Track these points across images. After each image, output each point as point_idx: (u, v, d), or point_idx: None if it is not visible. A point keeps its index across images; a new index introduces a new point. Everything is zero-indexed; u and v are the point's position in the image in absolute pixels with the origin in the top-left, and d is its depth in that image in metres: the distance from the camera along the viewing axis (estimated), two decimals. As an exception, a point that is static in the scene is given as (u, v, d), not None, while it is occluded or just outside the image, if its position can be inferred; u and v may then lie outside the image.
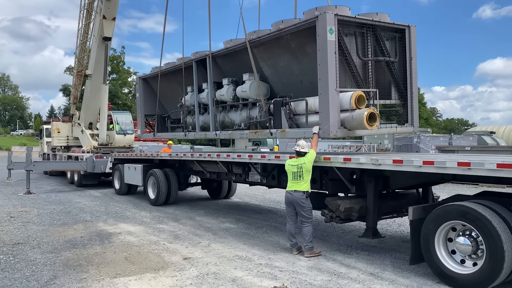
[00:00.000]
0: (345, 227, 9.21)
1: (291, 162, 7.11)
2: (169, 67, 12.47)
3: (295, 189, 7.00)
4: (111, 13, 18.05)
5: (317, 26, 7.26)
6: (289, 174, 7.11)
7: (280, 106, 8.35)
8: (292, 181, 7.05)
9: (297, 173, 6.99)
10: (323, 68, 7.22)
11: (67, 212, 11.72)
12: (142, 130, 14.05)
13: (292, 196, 7.01)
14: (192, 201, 13.98)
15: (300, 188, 6.98)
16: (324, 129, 7.27)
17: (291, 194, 7.03)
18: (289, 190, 7.08)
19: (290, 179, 7.11)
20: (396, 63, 8.29)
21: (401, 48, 8.37)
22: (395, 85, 8.43)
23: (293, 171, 7.03)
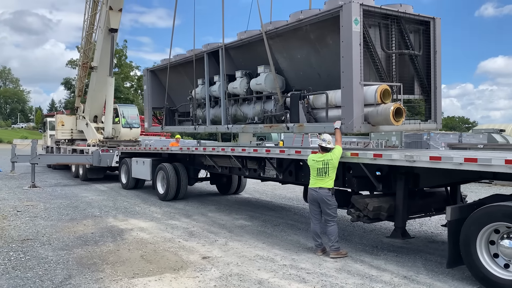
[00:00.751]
0: (366, 226, 8.94)
1: (316, 158, 6.81)
2: (179, 59, 12.17)
3: (320, 186, 6.71)
4: (117, 4, 17.72)
5: (341, 16, 6.96)
6: (313, 170, 6.82)
7: (298, 99, 8.06)
8: (316, 178, 6.76)
9: (323, 169, 6.69)
10: (347, 60, 6.92)
11: (75, 207, 11.47)
12: (149, 123, 13.76)
13: (317, 194, 6.72)
14: (201, 196, 13.72)
15: (325, 185, 6.69)
16: (347, 124, 6.98)
17: (316, 191, 6.73)
18: (313, 187, 6.78)
19: (313, 175, 6.81)
20: (419, 57, 7.99)
21: (425, 41, 8.06)
22: (418, 79, 8.13)
23: (318, 167, 6.73)
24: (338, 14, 7.12)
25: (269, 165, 9.24)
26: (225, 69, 10.04)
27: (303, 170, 8.72)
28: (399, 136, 25.39)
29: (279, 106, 8.82)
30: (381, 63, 7.43)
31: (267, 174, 9.67)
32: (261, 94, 9.31)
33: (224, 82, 10.11)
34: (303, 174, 8.74)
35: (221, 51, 10.04)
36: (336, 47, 7.66)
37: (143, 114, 15.43)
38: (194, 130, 11.43)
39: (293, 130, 8.16)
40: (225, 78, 10.06)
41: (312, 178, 6.86)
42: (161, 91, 13.73)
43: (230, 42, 9.89)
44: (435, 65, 8.06)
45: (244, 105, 9.91)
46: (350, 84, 6.88)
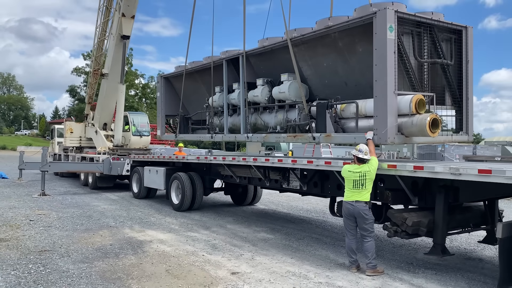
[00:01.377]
0: (394, 241, 8.64)
1: (352, 169, 6.52)
2: (195, 66, 11.97)
3: (357, 199, 6.42)
4: (130, 11, 17.60)
5: (375, 23, 6.74)
6: (349, 182, 6.53)
7: (325, 108, 7.82)
8: (353, 190, 6.47)
9: (359, 181, 6.41)
10: (381, 69, 6.69)
11: (88, 216, 11.20)
12: (162, 130, 13.54)
13: (353, 208, 6.42)
14: (216, 207, 13.44)
15: (362, 198, 6.41)
16: (380, 134, 6.73)
17: (352, 205, 6.44)
18: (349, 200, 6.49)
19: (349, 187, 6.52)
20: (451, 67, 7.75)
21: (456, 51, 7.83)
22: (449, 90, 7.89)
23: (355, 179, 6.44)
24: (371, 21, 6.91)
25: (293, 176, 8.97)
26: (245, 77, 9.83)
27: (329, 181, 8.45)
28: (410, 148, 25.13)
29: (303, 115, 8.59)
30: (414, 72, 7.20)
31: (290, 185, 9.40)
32: (284, 102, 9.07)
33: (244, 90, 9.89)
34: (330, 186, 8.47)
35: (241, 58, 9.83)
36: (366, 55, 7.46)
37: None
38: (211, 139, 11.19)
39: (319, 140, 7.91)
40: (245, 86, 9.84)
41: (347, 191, 6.57)
42: (174, 98, 13.54)
43: (252, 49, 9.68)
44: (467, 75, 7.83)
45: (265, 113, 9.68)
46: (384, 93, 6.65)
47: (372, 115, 7.28)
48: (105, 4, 18.55)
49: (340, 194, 8.24)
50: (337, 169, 7.37)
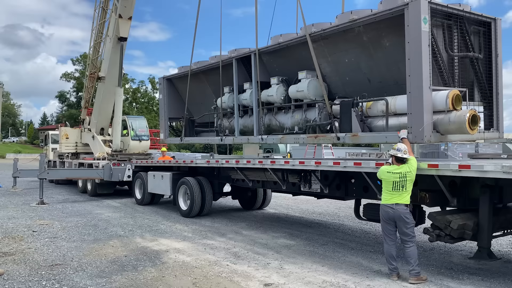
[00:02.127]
0: (425, 245, 8.27)
1: (391, 170, 6.11)
2: (201, 66, 11.52)
3: (397, 202, 6.01)
4: (127, 12, 17.09)
5: (408, 15, 6.37)
6: (387, 184, 6.12)
7: (350, 107, 7.42)
8: (392, 193, 6.06)
9: (400, 182, 6.00)
10: (416, 63, 6.32)
11: (94, 226, 10.68)
12: (165, 134, 13.07)
13: (393, 211, 6.02)
14: (225, 212, 12.98)
15: (403, 201, 6.00)
16: (415, 133, 6.36)
17: (392, 208, 6.03)
18: (388, 203, 6.08)
19: (388, 190, 6.11)
20: (480, 61, 7.42)
21: (485, 44, 7.50)
22: (478, 85, 7.56)
23: (395, 180, 6.03)
24: (401, 13, 6.55)
25: (314, 178, 8.57)
26: (258, 75, 9.41)
27: (354, 183, 8.06)
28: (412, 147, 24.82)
29: (324, 114, 8.20)
30: (446, 66, 6.84)
31: (310, 189, 8.99)
32: (301, 102, 8.67)
33: (257, 89, 9.47)
34: (354, 188, 8.09)
35: (253, 57, 9.43)
36: (394, 49, 7.12)
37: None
38: (221, 142, 10.74)
39: (344, 140, 7.52)
40: (258, 85, 9.43)
41: (386, 193, 6.16)
42: (178, 100, 13.12)
43: (265, 46, 9.28)
44: (497, 69, 7.50)
45: (280, 114, 9.27)
46: (420, 89, 6.28)
47: (402, 113, 6.93)
48: (101, 6, 18.01)
49: (367, 196, 7.91)
50: (368, 170, 7.00)
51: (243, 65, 10.13)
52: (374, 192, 7.59)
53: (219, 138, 10.78)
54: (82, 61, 73.40)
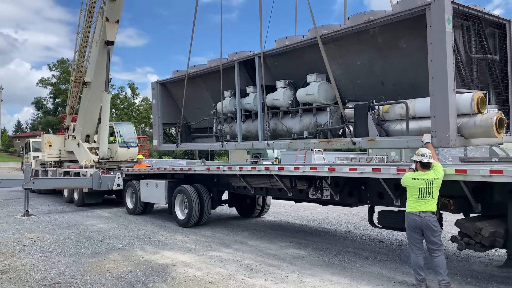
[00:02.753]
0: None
1: (416, 176, 5.83)
2: (198, 70, 11.12)
3: (424, 209, 5.74)
4: (115, 15, 16.57)
5: (430, 15, 6.15)
6: (413, 191, 5.83)
7: (367, 110, 7.16)
8: (419, 200, 5.78)
9: (426, 189, 5.73)
10: (440, 65, 6.10)
11: (88, 238, 10.14)
12: (159, 140, 12.59)
13: (421, 219, 5.74)
14: (222, 220, 12.56)
15: (430, 208, 5.73)
16: (441, 137, 6.12)
17: (419, 216, 5.75)
18: (415, 211, 5.80)
19: (414, 197, 5.83)
20: (496, 63, 7.26)
21: (500, 46, 7.36)
22: (494, 87, 7.40)
23: (421, 187, 5.75)
24: (422, 14, 6.33)
25: (325, 185, 8.27)
26: (263, 79, 9.08)
27: (368, 189, 7.80)
28: (399, 151, 24.94)
29: (335, 118, 7.93)
30: (465, 68, 6.65)
31: (318, 196, 8.69)
32: (310, 105, 8.38)
33: (261, 93, 9.16)
34: (368, 194, 7.83)
35: (258, 60, 9.11)
36: (411, 51, 6.91)
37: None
38: (221, 148, 10.35)
39: (360, 145, 7.24)
40: (262, 89, 9.10)
41: (411, 201, 5.88)
42: (172, 105, 12.70)
43: (271, 49, 8.96)
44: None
45: (286, 118, 8.97)
46: (444, 91, 6.05)
47: (422, 116, 6.72)
48: (88, 8, 17.41)
49: (382, 203, 7.66)
50: (388, 176, 6.74)
51: (245, 69, 9.80)
52: (390, 199, 7.36)
53: (219, 144, 10.39)
54: (59, 67, 71.78)
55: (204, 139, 12.10)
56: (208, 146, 11.05)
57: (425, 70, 6.95)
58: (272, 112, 9.09)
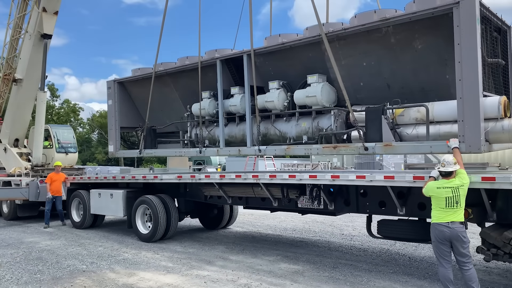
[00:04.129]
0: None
1: (441, 185, 5.44)
2: (169, 68, 10.06)
3: (452, 219, 5.35)
4: (53, 6, 14.80)
5: (458, 15, 5.83)
6: (439, 200, 5.44)
7: (380, 113, 6.70)
8: (446, 210, 5.39)
9: (453, 198, 5.36)
10: (469, 67, 5.79)
11: (39, 259, 8.66)
12: (116, 146, 11.28)
13: (450, 230, 5.34)
14: (187, 233, 11.51)
15: (458, 218, 5.37)
16: (470, 142, 5.80)
17: (448, 227, 5.36)
18: (443, 222, 5.40)
19: (440, 207, 5.43)
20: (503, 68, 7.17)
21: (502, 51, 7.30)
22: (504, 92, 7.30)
23: (448, 196, 5.37)
24: (445, 13, 6.02)
25: (317, 193, 7.71)
26: (249, 79, 8.33)
27: (368, 198, 7.36)
28: (340, 158, 25.28)
29: (339, 122, 7.41)
30: (485, 72, 6.44)
31: (309, 205, 8.10)
32: (309, 108, 7.78)
33: (250, 94, 8.40)
34: (368, 203, 7.38)
35: (247, 58, 8.33)
36: (425, 52, 6.64)
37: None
38: (199, 154, 9.38)
39: (374, 150, 6.75)
40: (251, 90, 8.36)
41: (438, 211, 5.48)
42: (131, 107, 11.51)
43: (262, 47, 8.23)
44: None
45: (279, 122, 8.28)
46: (475, 94, 5.76)
47: (441, 120, 6.41)
48: (22, -5, 15.38)
49: (383, 212, 7.26)
50: (403, 184, 6.38)
51: (228, 68, 8.97)
52: (393, 208, 6.99)
53: (196, 150, 9.40)
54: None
55: (168, 145, 11.04)
56: (182, 152, 9.96)
57: (438, 73, 6.70)
58: (263, 115, 8.35)
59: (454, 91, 6.58)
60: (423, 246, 9.13)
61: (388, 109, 6.74)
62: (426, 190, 5.61)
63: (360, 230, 11.42)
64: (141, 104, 11.03)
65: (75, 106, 61.07)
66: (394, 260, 8.15)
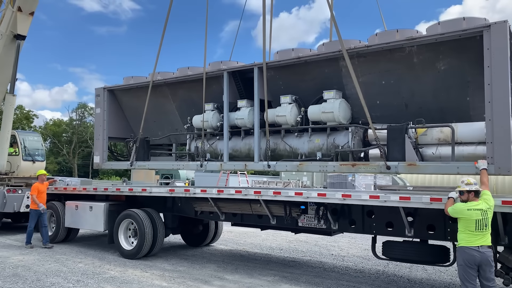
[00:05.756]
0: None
1: (471, 207, 5.31)
2: (168, 78, 9.65)
3: (481, 243, 5.23)
4: (30, 6, 13.99)
5: (490, 37, 5.90)
6: (469, 223, 5.30)
7: (404, 132, 6.62)
8: (476, 233, 5.26)
9: (483, 220, 5.25)
10: (499, 89, 5.85)
11: (15, 276, 7.85)
12: (103, 157, 10.62)
13: (480, 254, 5.21)
14: (170, 250, 10.89)
15: (487, 242, 5.26)
16: (500, 164, 5.81)
17: (478, 251, 5.22)
18: (473, 246, 5.26)
19: (470, 230, 5.29)
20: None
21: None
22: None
23: (477, 218, 5.26)
24: (474, 36, 6.11)
25: (322, 212, 7.52)
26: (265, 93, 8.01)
27: (374, 219, 7.23)
28: (310, 176, 25.36)
29: (357, 140, 7.28)
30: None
31: (311, 224, 7.85)
32: (323, 125, 7.62)
33: (258, 108, 8.15)
34: (375, 224, 7.25)
35: (258, 71, 8.09)
36: (448, 74, 6.73)
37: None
38: (200, 168, 8.93)
39: (397, 169, 6.64)
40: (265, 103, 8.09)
41: (467, 234, 5.33)
42: (120, 116, 10.92)
43: (275, 61, 8.04)
44: None
45: (290, 137, 8.06)
46: (506, 116, 5.81)
47: (465, 141, 6.44)
48: (-3, -8, 14.42)
49: (389, 233, 7.20)
50: (420, 206, 6.34)
51: (234, 81, 8.69)
52: (402, 229, 6.91)
53: (196, 164, 8.93)
54: None
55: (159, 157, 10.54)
56: (181, 166, 9.41)
57: (459, 94, 6.75)
58: (272, 129, 8.09)
59: (474, 113, 6.70)
60: (416, 268, 9.11)
61: (411, 128, 6.69)
62: (455, 211, 5.49)
63: (347, 250, 11.30)
64: (132, 114, 10.49)
65: (29, 113, 57.99)
66: (394, 282, 8.04)
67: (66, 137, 64.84)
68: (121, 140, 10.88)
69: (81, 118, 66.31)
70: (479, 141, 6.30)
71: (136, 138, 9.91)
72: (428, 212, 6.60)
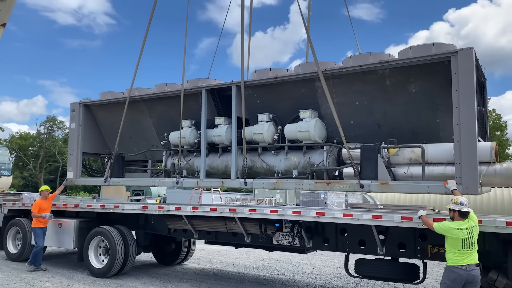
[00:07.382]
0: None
1: (458, 226, 5.46)
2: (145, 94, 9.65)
3: (468, 262, 5.38)
4: (2, 18, 13.74)
5: (457, 63, 6.24)
6: (456, 242, 5.44)
7: (376, 152, 6.84)
8: (462, 252, 5.40)
9: (469, 239, 5.42)
10: (466, 112, 6.16)
11: (-20, 295, 7.55)
12: (77, 173, 10.43)
13: (467, 273, 5.34)
14: (140, 268, 10.68)
15: (474, 260, 5.42)
16: (468, 184, 6.07)
17: (465, 270, 5.36)
18: (460, 265, 5.40)
19: (457, 249, 5.43)
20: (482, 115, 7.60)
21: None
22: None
23: (464, 237, 5.40)
24: (442, 61, 6.42)
25: (296, 230, 7.61)
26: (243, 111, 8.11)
27: (347, 237, 7.35)
28: (283, 194, 25.49)
29: (331, 158, 7.45)
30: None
31: (286, 242, 7.90)
32: (298, 143, 7.77)
33: (236, 126, 8.24)
34: (347, 242, 7.37)
35: (236, 89, 8.21)
36: (418, 96, 7.04)
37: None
38: (176, 184, 8.89)
39: (370, 188, 6.82)
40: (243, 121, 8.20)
41: (454, 253, 5.46)
42: (95, 132, 10.82)
43: (252, 79, 8.19)
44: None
45: (267, 155, 8.17)
46: (472, 138, 6.10)
47: (434, 161, 6.69)
48: (-33, 3, 14.11)
49: (362, 251, 7.29)
50: (393, 224, 6.57)
51: (212, 98, 8.77)
52: (374, 247, 7.06)
53: (172, 180, 8.90)
54: None
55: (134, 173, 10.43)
56: (156, 182, 9.32)
57: (429, 116, 7.03)
58: (250, 147, 8.18)
59: (444, 134, 6.97)
60: (387, 285, 9.26)
61: (383, 148, 6.90)
62: (441, 229, 5.57)
63: (320, 268, 11.38)
64: (108, 129, 10.40)
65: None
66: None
67: (33, 151, 62.93)
68: (95, 156, 10.75)
69: (49, 132, 64.63)
70: (448, 162, 6.55)
71: (111, 154, 9.80)
72: (399, 230, 6.78)
